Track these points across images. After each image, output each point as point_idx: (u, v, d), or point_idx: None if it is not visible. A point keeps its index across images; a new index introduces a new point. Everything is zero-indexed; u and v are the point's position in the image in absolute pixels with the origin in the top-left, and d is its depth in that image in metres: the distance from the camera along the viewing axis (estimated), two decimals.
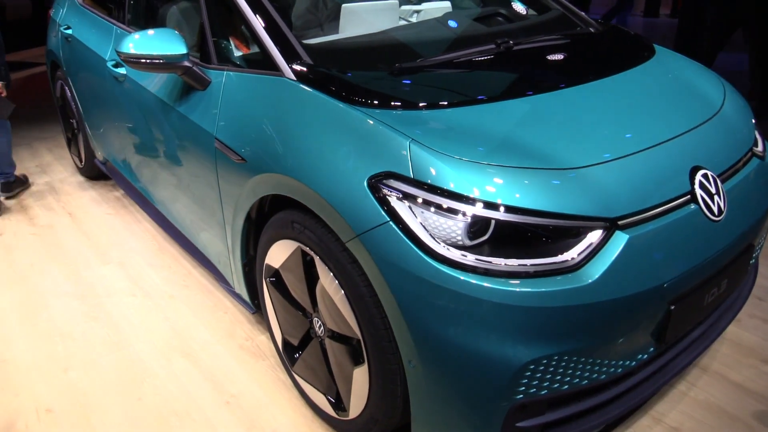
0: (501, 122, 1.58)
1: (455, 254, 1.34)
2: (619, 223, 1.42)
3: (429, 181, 1.39)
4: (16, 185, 3.75)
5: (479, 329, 1.33)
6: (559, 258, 1.36)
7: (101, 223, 3.39)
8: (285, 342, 2.00)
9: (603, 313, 1.38)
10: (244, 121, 1.87)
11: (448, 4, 2.76)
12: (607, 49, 2.27)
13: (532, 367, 1.35)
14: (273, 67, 1.82)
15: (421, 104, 1.61)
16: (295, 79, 1.76)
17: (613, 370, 1.49)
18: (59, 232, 3.30)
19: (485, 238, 1.36)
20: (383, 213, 1.40)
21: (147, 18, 2.86)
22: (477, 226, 1.36)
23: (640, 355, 1.55)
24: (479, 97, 1.68)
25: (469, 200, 1.36)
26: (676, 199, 1.53)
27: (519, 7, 2.68)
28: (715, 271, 1.62)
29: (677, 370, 1.73)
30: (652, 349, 1.57)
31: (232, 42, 2.08)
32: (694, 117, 1.79)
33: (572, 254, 1.37)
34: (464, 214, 1.35)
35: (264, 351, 2.26)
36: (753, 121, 2.00)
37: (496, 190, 1.37)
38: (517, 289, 1.32)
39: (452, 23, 2.28)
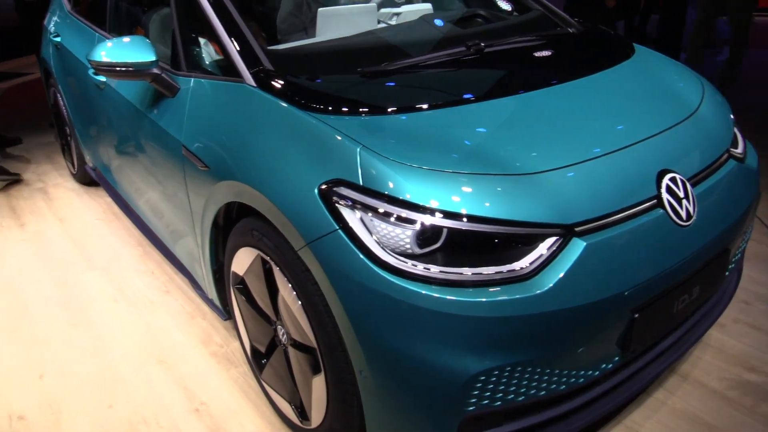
0: (457, 127, 1.55)
1: (402, 263, 1.31)
2: (576, 229, 1.38)
3: (378, 189, 1.36)
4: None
5: (427, 339, 1.30)
6: (511, 266, 1.33)
7: (90, 229, 3.40)
8: (253, 349, 1.98)
9: (558, 322, 1.34)
10: (208, 128, 1.86)
11: (429, 6, 2.72)
12: (583, 49, 2.23)
13: (482, 378, 1.32)
14: (235, 73, 1.81)
15: (376, 110, 1.58)
16: (255, 85, 1.74)
17: (573, 380, 1.45)
18: (48, 239, 3.32)
19: (435, 246, 1.33)
20: (332, 221, 1.38)
21: (129, 25, 2.87)
22: (426, 234, 1.33)
23: (604, 365, 1.51)
24: (437, 102, 1.65)
25: (418, 208, 1.33)
26: (639, 204, 1.48)
27: (498, 8, 2.64)
28: (685, 278, 1.57)
29: (649, 379, 1.69)
30: (617, 358, 1.52)
31: (200, 48, 2.07)
32: (666, 119, 1.74)
33: (525, 263, 1.33)
34: (413, 223, 1.32)
35: (237, 358, 2.24)
36: (732, 119, 1.95)
37: (446, 197, 1.34)
38: (467, 299, 1.29)
39: (423, 26, 2.25)
